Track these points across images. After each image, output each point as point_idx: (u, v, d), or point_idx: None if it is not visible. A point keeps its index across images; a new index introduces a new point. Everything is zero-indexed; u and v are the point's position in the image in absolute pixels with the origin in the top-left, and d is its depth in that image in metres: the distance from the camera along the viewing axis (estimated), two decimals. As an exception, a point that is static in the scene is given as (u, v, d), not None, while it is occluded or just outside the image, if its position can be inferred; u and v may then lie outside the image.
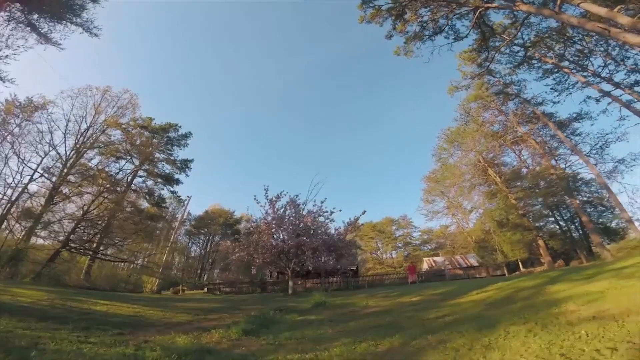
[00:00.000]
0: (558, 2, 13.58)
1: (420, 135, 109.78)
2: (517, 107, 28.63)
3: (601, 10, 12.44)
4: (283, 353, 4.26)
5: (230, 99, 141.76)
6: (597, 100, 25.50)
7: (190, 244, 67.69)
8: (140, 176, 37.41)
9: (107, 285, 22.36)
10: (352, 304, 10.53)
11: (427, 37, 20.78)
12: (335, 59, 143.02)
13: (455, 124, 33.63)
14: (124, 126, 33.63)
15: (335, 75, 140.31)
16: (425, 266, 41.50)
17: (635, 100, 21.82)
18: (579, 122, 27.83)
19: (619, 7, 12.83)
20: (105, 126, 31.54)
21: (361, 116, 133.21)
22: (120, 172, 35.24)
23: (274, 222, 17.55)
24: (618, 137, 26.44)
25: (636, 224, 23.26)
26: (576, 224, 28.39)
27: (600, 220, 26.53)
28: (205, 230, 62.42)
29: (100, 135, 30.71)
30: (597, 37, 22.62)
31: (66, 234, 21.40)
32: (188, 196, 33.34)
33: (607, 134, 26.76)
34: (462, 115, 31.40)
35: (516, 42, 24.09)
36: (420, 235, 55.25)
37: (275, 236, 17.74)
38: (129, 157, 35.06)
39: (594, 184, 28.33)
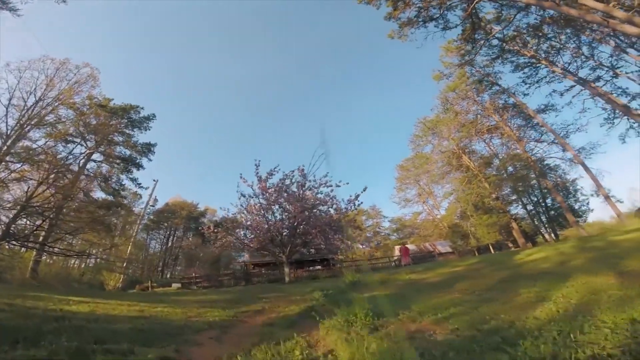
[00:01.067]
0: None
1: (391, 125, 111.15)
2: (491, 97, 29.37)
3: (598, 5, 13.39)
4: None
5: (203, 86, 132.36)
6: (561, 94, 27.08)
7: (148, 239, 62.03)
8: (95, 160, 32.80)
9: (59, 284, 18.61)
10: (394, 280, 9.25)
11: (420, 23, 20.88)
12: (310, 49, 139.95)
13: (431, 113, 33.99)
14: (78, 105, 29.23)
15: (310, 64, 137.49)
16: (396, 253, 41.90)
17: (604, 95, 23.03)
18: (546, 113, 29.44)
19: (613, 2, 13.89)
20: (57, 102, 27.06)
21: (329, 111, 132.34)
22: (71, 157, 30.64)
23: (265, 201, 15.47)
24: (578, 128, 28.29)
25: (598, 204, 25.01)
26: (543, 208, 29.99)
27: (567, 202, 28.26)
28: (166, 224, 57.25)
29: (49, 113, 25.94)
30: (569, 34, 23.97)
31: (4, 225, 17.27)
32: (154, 180, 29.43)
33: (569, 124, 28.51)
34: (442, 104, 31.57)
35: (497, 36, 24.86)
36: (389, 225, 55.90)
37: (268, 217, 15.71)
38: (82, 140, 30.50)
39: (559, 169, 30.25)
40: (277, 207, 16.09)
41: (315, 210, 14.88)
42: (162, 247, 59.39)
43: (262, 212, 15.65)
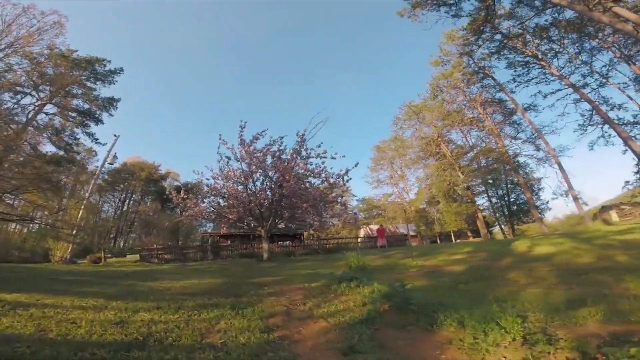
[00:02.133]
0: (595, 1, 14.40)
1: (375, 106, 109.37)
2: (480, 90, 29.18)
3: (632, 16, 13.60)
4: None
5: (183, 43, 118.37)
6: (545, 96, 27.72)
7: (101, 202, 56.23)
8: (48, 113, 28.29)
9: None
10: (403, 266, 8.16)
11: (434, 6, 20.61)
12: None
13: (418, 98, 33.27)
14: (35, 54, 25.76)
15: (300, 29, 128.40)
16: (362, 233, 42.04)
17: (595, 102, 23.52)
18: (527, 112, 30.02)
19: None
20: (9, 49, 23.40)
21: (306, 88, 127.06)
22: (18, 107, 26.20)
23: (247, 167, 13.39)
24: (553, 130, 29.23)
25: (557, 203, 26.39)
26: (506, 202, 31.25)
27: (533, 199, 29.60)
28: (122, 186, 51.90)
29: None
30: (573, 39, 24.14)
31: None
32: (115, 135, 25.49)
33: (545, 126, 29.37)
34: (431, 90, 30.78)
35: (502, 31, 24.60)
36: (357, 204, 56.03)
37: (249, 185, 13.76)
38: (34, 91, 26.14)
39: (527, 167, 31.39)
40: (259, 174, 14.17)
41: (306, 182, 13.23)
42: (116, 212, 54.15)
43: (242, 179, 13.65)
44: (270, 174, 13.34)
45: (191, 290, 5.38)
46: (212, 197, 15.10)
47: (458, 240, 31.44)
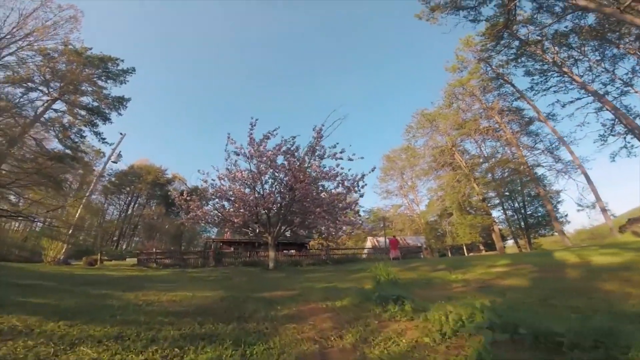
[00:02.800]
0: (627, 3, 13.51)
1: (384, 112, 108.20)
2: (497, 98, 27.88)
3: None
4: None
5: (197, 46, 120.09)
6: (563, 105, 26.35)
7: (106, 204, 55.37)
8: (57, 110, 27.81)
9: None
10: (440, 280, 6.67)
11: (452, 9, 20.30)
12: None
13: (432, 106, 32.07)
14: (49, 50, 25.16)
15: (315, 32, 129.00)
16: (368, 244, 40.25)
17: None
18: (544, 122, 28.53)
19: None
20: (25, 42, 23.37)
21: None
22: (27, 102, 25.86)
23: (256, 167, 12.14)
24: (571, 141, 27.67)
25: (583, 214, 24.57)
26: (522, 215, 29.46)
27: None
28: (128, 189, 51.05)
29: (11, 53, 22.19)
30: (594, 47, 23.01)
31: None
32: (121, 133, 24.48)
33: (564, 136, 27.81)
34: (447, 97, 29.50)
35: (521, 37, 23.86)
36: (364, 215, 54.28)
37: (257, 187, 12.46)
38: (45, 87, 25.85)
39: (545, 179, 29.70)
40: (268, 177, 12.93)
41: (320, 184, 11.88)
42: (121, 214, 53.17)
43: (251, 180, 12.37)
44: (281, 175, 12.03)
45: (180, 308, 4.00)
46: (217, 200, 13.79)
47: (471, 254, 29.54)
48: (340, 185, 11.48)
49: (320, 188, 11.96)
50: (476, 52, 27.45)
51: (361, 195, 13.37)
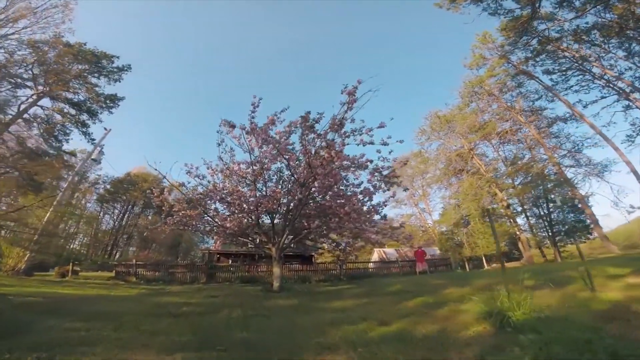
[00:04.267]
0: None
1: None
2: (517, 96, 25.18)
3: None
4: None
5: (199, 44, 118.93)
6: (585, 106, 23.82)
7: (102, 213, 52.01)
8: (44, 107, 25.09)
9: None
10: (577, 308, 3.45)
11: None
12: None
13: (445, 107, 29.31)
14: (38, 43, 22.55)
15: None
16: (375, 257, 36.65)
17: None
18: (567, 123, 25.83)
19: None
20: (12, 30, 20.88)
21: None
22: (11, 98, 23.15)
23: (259, 158, 9.06)
24: (595, 143, 24.86)
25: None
26: (546, 221, 26.14)
27: (579, 216, 24.57)
28: (124, 197, 47.71)
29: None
30: (616, 44, 21.02)
31: None
32: (106, 129, 21.70)
33: (587, 138, 25.00)
34: (466, 96, 26.68)
35: (541, 34, 21.81)
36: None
37: (258, 185, 9.31)
38: (32, 83, 23.33)
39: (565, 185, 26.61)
40: (273, 170, 9.85)
41: (346, 175, 8.64)
42: (116, 223, 49.69)
43: (250, 175, 9.25)
44: (293, 165, 8.87)
45: None
46: (208, 200, 10.61)
47: (494, 265, 26.12)
48: (373, 177, 8.25)
49: (344, 182, 8.78)
50: (493, 48, 25.15)
51: (392, 196, 10.29)
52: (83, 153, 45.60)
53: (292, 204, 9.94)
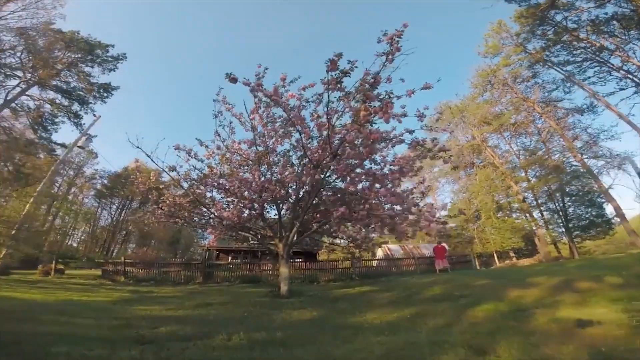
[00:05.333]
0: None
1: None
2: (534, 86, 23.51)
3: None
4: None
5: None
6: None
7: (100, 209, 50.19)
8: (33, 96, 23.32)
9: None
10: None
11: None
12: None
13: (456, 98, 27.55)
14: (26, 28, 20.75)
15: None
16: (379, 254, 34.89)
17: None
18: (583, 115, 24.17)
19: None
20: None
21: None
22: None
23: (265, 135, 7.30)
24: (612, 136, 23.20)
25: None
26: (562, 217, 24.42)
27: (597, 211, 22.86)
28: (122, 192, 45.79)
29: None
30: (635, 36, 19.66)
31: None
32: (95, 115, 20.03)
33: (604, 131, 23.34)
34: (481, 86, 24.89)
35: (557, 24, 20.37)
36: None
37: (263, 169, 7.52)
38: (20, 72, 21.65)
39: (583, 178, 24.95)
40: (281, 152, 8.08)
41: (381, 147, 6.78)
42: (113, 219, 47.83)
43: (254, 154, 7.48)
44: (305, 140, 7.08)
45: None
46: (202, 187, 8.81)
47: (508, 262, 24.43)
48: (415, 150, 6.45)
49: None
50: (508, 37, 23.70)
51: (421, 182, 8.59)
52: (80, 148, 43.91)
53: (302, 191, 8.17)
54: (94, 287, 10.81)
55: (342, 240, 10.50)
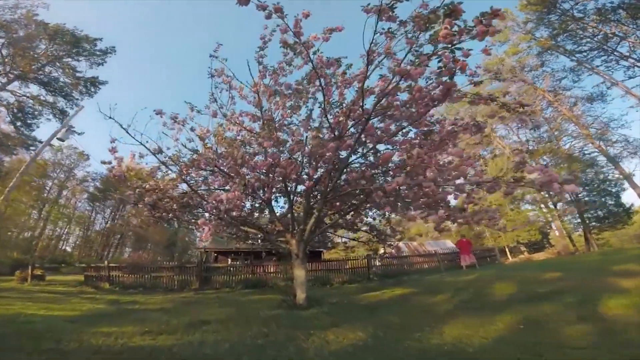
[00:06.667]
0: None
1: None
2: (545, 74, 22.24)
3: None
4: None
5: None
6: (608, 87, 21.14)
7: (94, 213, 47.84)
8: (15, 93, 21.46)
9: None
10: None
11: None
12: None
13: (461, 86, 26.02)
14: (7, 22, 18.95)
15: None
16: (381, 251, 33.19)
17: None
18: (592, 104, 22.90)
19: None
20: None
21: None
22: None
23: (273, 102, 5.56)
24: (622, 125, 21.93)
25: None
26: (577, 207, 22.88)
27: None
28: (116, 195, 43.42)
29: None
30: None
31: None
32: (78, 106, 18.14)
33: (613, 119, 22.04)
34: (487, 73, 23.51)
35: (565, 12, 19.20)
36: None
37: (269, 150, 5.74)
38: (2, 67, 19.87)
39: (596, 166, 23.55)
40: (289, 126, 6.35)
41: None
42: (106, 223, 45.43)
43: (260, 125, 5.77)
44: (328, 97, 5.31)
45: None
46: (193, 174, 7.03)
47: (522, 256, 22.90)
48: (486, 104, 4.68)
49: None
50: (514, 26, 22.68)
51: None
52: (70, 149, 41.57)
53: (320, 171, 6.44)
54: (68, 295, 8.91)
55: (365, 232, 8.72)
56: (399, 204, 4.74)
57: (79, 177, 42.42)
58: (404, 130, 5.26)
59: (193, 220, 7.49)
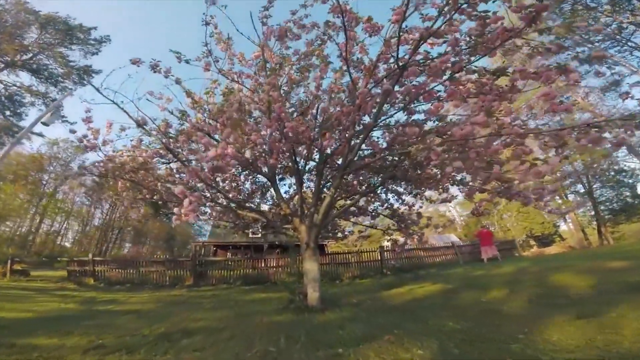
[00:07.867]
0: None
1: None
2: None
3: None
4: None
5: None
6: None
7: (92, 207, 46.53)
8: (4, 82, 20.07)
9: None
10: None
11: None
12: None
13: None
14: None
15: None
16: (384, 244, 32.07)
17: None
18: (605, 93, 21.59)
19: None
20: None
21: None
22: None
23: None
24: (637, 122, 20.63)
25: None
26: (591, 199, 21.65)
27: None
28: (112, 189, 42.11)
29: None
30: None
31: None
32: (67, 90, 16.89)
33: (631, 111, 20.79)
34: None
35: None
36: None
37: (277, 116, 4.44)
38: None
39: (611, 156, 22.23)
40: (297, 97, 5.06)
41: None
42: (106, 216, 44.05)
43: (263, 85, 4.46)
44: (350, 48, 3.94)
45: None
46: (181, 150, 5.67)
47: (533, 250, 21.71)
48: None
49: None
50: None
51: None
52: (66, 142, 40.09)
53: (336, 139, 5.12)
54: (41, 293, 7.63)
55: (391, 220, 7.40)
56: (451, 169, 3.37)
57: (76, 171, 41.06)
58: (459, 73, 3.89)
59: (177, 201, 6.17)
